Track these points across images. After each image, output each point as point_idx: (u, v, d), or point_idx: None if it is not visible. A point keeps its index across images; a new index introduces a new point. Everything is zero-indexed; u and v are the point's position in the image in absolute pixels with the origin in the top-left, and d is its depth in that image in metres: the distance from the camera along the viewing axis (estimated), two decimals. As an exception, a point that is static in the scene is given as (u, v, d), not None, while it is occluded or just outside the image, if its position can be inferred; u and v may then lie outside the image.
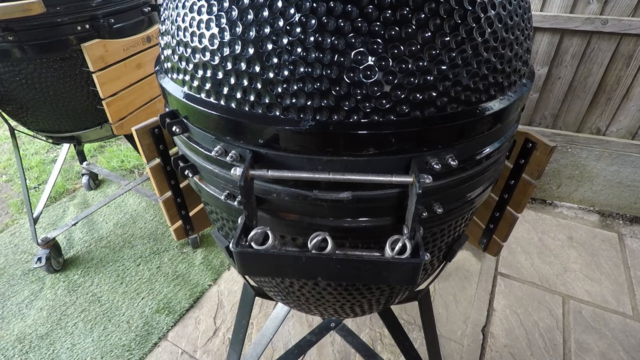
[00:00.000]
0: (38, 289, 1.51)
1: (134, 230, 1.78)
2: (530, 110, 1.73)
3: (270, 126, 0.38)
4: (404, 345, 0.94)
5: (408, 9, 0.34)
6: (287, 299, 0.68)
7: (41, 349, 1.30)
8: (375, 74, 0.35)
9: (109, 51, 1.17)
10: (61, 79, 1.18)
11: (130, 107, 1.30)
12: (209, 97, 0.41)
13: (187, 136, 0.48)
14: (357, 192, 0.41)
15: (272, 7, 0.35)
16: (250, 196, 0.40)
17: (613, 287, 1.48)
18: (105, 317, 1.40)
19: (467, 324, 1.36)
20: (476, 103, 0.40)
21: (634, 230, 1.74)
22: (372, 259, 0.38)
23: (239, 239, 0.39)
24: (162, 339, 1.34)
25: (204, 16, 0.38)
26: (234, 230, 0.57)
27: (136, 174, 2.20)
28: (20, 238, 1.75)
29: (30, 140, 2.45)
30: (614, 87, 1.56)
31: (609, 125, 1.66)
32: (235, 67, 0.37)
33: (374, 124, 0.36)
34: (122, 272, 1.57)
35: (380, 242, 0.45)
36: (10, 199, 2.02)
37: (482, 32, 0.37)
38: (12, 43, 1.07)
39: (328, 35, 0.34)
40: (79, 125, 1.35)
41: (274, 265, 0.40)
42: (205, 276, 1.55)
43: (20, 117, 1.31)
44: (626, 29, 1.41)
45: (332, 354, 1.28)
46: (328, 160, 0.38)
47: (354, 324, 1.38)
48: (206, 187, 0.52)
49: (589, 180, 1.78)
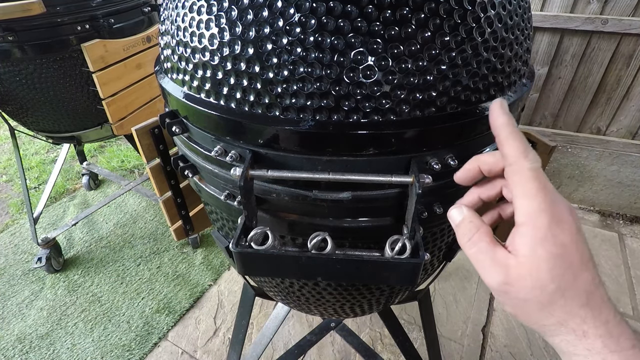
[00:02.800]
0: (38, 289, 1.51)
1: (134, 230, 1.78)
2: (530, 110, 1.73)
3: (270, 126, 0.38)
4: (404, 345, 0.94)
5: (408, 9, 0.34)
6: (287, 299, 0.68)
7: (41, 349, 1.30)
8: (375, 74, 0.35)
9: (109, 51, 1.17)
10: (61, 79, 1.18)
11: (130, 107, 1.30)
12: (209, 97, 0.41)
13: (187, 136, 0.48)
14: (357, 192, 0.41)
15: (272, 7, 0.35)
16: (250, 196, 0.40)
17: (613, 287, 1.48)
18: (105, 317, 1.40)
19: (467, 324, 1.36)
20: (476, 103, 0.40)
21: (634, 230, 1.74)
22: (372, 259, 0.38)
23: (238, 239, 0.39)
24: (162, 339, 1.34)
25: (204, 16, 0.38)
26: (234, 230, 0.57)
27: (136, 174, 2.20)
28: (20, 238, 1.75)
29: (30, 140, 2.45)
30: (614, 87, 1.56)
31: (609, 125, 1.65)
32: (235, 67, 0.37)
33: (373, 124, 0.36)
34: (122, 272, 1.57)
35: (380, 242, 0.45)
36: (10, 199, 2.02)
37: (482, 32, 0.37)
38: (12, 43, 1.07)
39: (328, 35, 0.34)
40: (79, 125, 1.34)
41: (274, 265, 0.40)
42: (205, 276, 1.55)
43: (20, 117, 1.31)
44: (626, 29, 1.41)
45: (332, 354, 1.28)
46: (328, 160, 0.38)
47: (354, 324, 1.38)
48: (206, 187, 0.52)
49: (589, 180, 1.78)
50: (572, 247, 0.27)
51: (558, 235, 0.27)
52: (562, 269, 0.27)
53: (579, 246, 0.27)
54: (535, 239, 0.27)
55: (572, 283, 0.27)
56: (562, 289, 0.27)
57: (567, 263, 0.27)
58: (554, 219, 0.27)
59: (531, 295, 0.28)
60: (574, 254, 0.27)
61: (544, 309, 0.28)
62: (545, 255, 0.27)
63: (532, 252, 0.27)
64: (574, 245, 0.27)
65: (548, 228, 0.27)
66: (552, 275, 0.27)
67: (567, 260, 0.27)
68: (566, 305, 0.27)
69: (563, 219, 0.27)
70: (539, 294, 0.27)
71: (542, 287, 0.27)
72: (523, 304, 0.29)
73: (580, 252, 0.27)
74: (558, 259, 0.27)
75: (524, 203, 0.28)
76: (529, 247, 0.28)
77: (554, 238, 0.27)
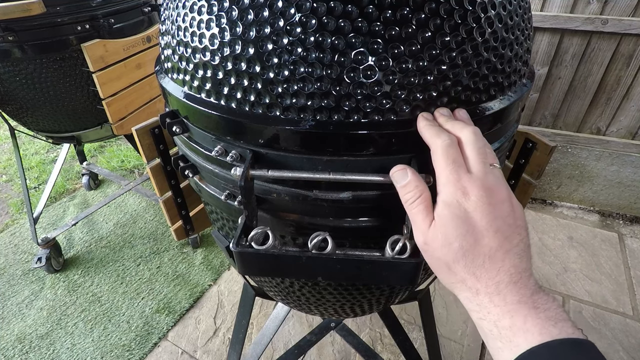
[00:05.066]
0: (38, 289, 1.51)
1: (134, 230, 1.78)
2: (530, 110, 1.73)
3: (271, 126, 0.38)
4: (404, 345, 0.94)
5: (408, 9, 0.34)
6: (287, 299, 0.68)
7: (41, 349, 1.30)
8: (375, 74, 0.35)
9: (109, 51, 1.17)
10: (61, 79, 1.18)
11: (130, 107, 1.30)
12: (209, 97, 0.41)
13: (187, 136, 0.48)
14: (357, 192, 0.41)
15: (273, 7, 0.35)
16: (250, 196, 0.40)
17: (613, 287, 1.48)
18: (105, 317, 1.40)
19: (467, 324, 1.36)
20: (476, 103, 0.40)
21: (634, 230, 1.74)
22: (372, 259, 0.38)
23: (239, 239, 0.39)
24: (162, 339, 1.34)
25: (204, 16, 0.38)
26: (234, 230, 0.57)
27: (136, 174, 2.20)
28: (20, 238, 1.75)
29: (30, 140, 2.45)
30: (614, 87, 1.56)
31: (609, 125, 1.66)
32: (236, 67, 0.37)
33: (374, 124, 0.37)
34: (122, 272, 1.57)
35: (380, 242, 0.45)
36: (10, 199, 2.02)
37: (482, 32, 0.37)
38: (12, 43, 1.07)
39: (328, 35, 0.34)
40: (79, 125, 1.34)
41: (274, 265, 0.40)
42: (205, 276, 1.55)
43: (20, 117, 1.31)
44: (626, 29, 1.41)
45: (332, 354, 1.28)
46: (328, 160, 0.38)
47: (354, 324, 1.38)
48: (206, 187, 0.52)
49: (589, 180, 1.78)
50: (475, 214, 0.31)
51: (462, 203, 0.32)
52: (464, 230, 0.31)
53: (484, 216, 0.31)
54: (444, 203, 0.32)
55: (473, 245, 0.31)
56: (464, 249, 0.31)
57: (469, 226, 0.31)
58: (458, 189, 0.32)
59: (441, 254, 0.32)
60: (476, 220, 0.31)
61: (450, 268, 0.33)
62: (450, 215, 0.32)
63: (441, 212, 0.32)
64: (478, 213, 0.31)
65: (453, 195, 0.32)
66: (457, 234, 0.31)
67: (469, 224, 0.31)
68: (466, 266, 0.31)
69: (468, 192, 0.32)
70: (447, 251, 0.32)
71: (449, 245, 0.32)
72: (437, 263, 0.33)
73: (485, 221, 0.31)
74: (460, 220, 0.31)
75: (437, 176, 0.34)
76: (439, 209, 0.33)
77: (458, 204, 0.32)
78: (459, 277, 0.32)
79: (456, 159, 0.33)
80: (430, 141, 0.34)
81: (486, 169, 0.33)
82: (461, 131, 0.35)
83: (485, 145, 0.35)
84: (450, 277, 0.33)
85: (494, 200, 0.32)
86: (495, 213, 0.31)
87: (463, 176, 0.32)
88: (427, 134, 0.35)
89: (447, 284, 0.34)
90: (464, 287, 0.32)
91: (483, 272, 0.31)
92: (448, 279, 0.33)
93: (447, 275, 0.33)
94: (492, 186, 0.32)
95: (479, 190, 0.32)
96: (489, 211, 0.31)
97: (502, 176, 0.34)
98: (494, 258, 0.31)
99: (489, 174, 0.33)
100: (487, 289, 0.31)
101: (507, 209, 0.32)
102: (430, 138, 0.35)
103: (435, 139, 0.34)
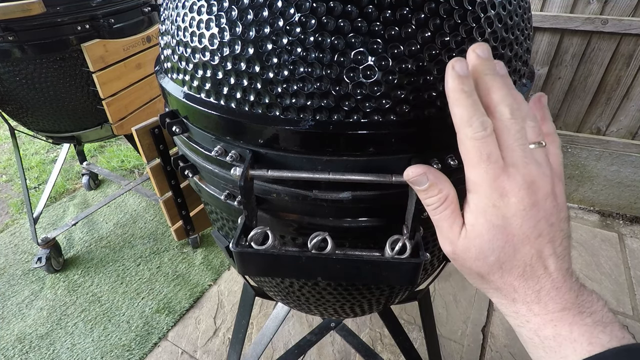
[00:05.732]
0: (38, 289, 1.51)
1: (134, 230, 1.78)
2: (530, 110, 1.73)
3: (270, 126, 0.38)
4: (404, 345, 0.94)
5: (408, 9, 0.34)
6: (287, 299, 0.68)
7: (41, 349, 1.30)
8: (375, 74, 0.35)
9: (109, 51, 1.17)
10: (61, 79, 1.18)
11: (130, 107, 1.30)
12: (209, 97, 0.41)
13: (187, 136, 0.48)
14: (357, 192, 0.41)
15: (272, 7, 0.35)
16: (250, 196, 0.40)
17: (613, 287, 1.48)
18: (105, 317, 1.40)
19: (467, 324, 1.36)
20: (476, 103, 0.40)
21: (634, 230, 1.74)
22: (372, 259, 0.38)
23: (238, 239, 0.39)
24: (162, 339, 1.34)
25: (204, 16, 0.38)
26: (234, 230, 0.57)
27: (136, 174, 2.20)
28: (20, 238, 1.75)
29: (30, 140, 2.45)
30: (614, 87, 1.56)
31: (609, 125, 1.66)
32: (235, 67, 0.37)
33: (374, 124, 0.36)
34: (122, 272, 1.57)
35: (380, 242, 0.45)
36: (10, 199, 2.02)
37: (482, 32, 0.37)
38: (12, 43, 1.07)
39: (328, 35, 0.34)
40: (79, 125, 1.34)
41: (274, 265, 0.40)
42: (205, 276, 1.55)
43: (20, 117, 1.31)
44: (626, 29, 1.41)
45: (332, 354, 1.28)
46: (328, 160, 0.38)
47: (354, 324, 1.38)
48: (206, 187, 0.52)
49: (589, 180, 1.78)
50: (514, 221, 0.27)
51: (500, 208, 0.27)
52: (502, 241, 0.28)
53: (526, 221, 0.27)
54: (477, 208, 0.28)
55: (512, 256, 0.28)
56: (501, 262, 0.28)
57: (508, 236, 0.27)
58: (494, 191, 0.27)
59: (474, 266, 0.29)
60: (515, 227, 0.27)
61: (483, 277, 0.30)
62: (486, 225, 0.28)
63: (475, 221, 0.28)
64: (518, 219, 0.27)
65: (489, 199, 0.27)
66: (493, 247, 0.28)
67: (508, 233, 0.27)
68: (502, 277, 0.29)
69: (507, 192, 0.27)
70: (481, 264, 0.29)
71: (484, 259, 0.28)
72: (468, 271, 0.31)
73: (527, 227, 0.27)
74: (497, 230, 0.27)
75: (467, 173, 0.28)
76: (473, 216, 0.28)
77: (494, 209, 0.27)
78: (493, 286, 0.29)
79: (491, 153, 0.27)
80: (460, 125, 0.28)
81: (527, 156, 0.27)
82: (496, 108, 0.28)
83: (525, 118, 0.28)
84: (483, 284, 0.30)
85: (537, 197, 0.27)
86: (538, 216, 0.27)
87: (501, 175, 0.27)
88: (458, 112, 0.28)
89: (478, 287, 0.32)
90: (497, 294, 0.30)
91: (522, 282, 0.28)
92: (480, 285, 0.31)
93: (479, 283, 0.31)
94: (535, 179, 0.27)
95: (519, 189, 0.27)
96: (531, 215, 0.27)
97: (545, 158, 0.28)
98: (534, 266, 0.27)
99: (530, 164, 0.27)
100: (526, 297, 0.28)
101: (550, 205, 0.28)
102: (460, 120, 0.28)
103: (466, 128, 0.27)
